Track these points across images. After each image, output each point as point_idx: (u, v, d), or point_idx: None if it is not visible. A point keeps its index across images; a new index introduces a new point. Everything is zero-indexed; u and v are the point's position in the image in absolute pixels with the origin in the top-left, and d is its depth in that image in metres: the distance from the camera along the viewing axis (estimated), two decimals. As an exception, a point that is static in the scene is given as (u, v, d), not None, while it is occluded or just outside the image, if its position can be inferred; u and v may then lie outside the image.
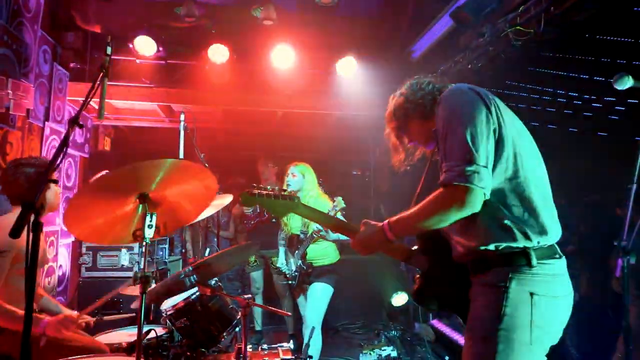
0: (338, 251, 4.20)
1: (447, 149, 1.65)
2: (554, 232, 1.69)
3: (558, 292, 1.66)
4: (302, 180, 4.11)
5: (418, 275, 2.02)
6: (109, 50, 2.02)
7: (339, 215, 3.79)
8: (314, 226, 3.88)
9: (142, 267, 2.26)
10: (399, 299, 5.82)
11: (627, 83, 2.12)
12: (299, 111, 5.84)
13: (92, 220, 2.23)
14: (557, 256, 1.69)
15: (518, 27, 3.40)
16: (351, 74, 5.37)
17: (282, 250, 4.34)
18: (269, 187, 2.04)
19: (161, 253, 4.78)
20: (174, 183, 2.28)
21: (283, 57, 5.12)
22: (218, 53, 5.06)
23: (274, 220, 5.18)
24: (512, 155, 1.67)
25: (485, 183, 1.59)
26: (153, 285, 2.23)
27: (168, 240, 4.90)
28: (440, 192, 1.64)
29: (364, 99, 5.52)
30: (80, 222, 2.20)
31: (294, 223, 4.20)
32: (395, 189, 6.20)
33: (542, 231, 1.65)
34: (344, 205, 3.75)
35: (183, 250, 5.87)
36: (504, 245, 1.64)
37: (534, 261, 1.62)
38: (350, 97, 5.54)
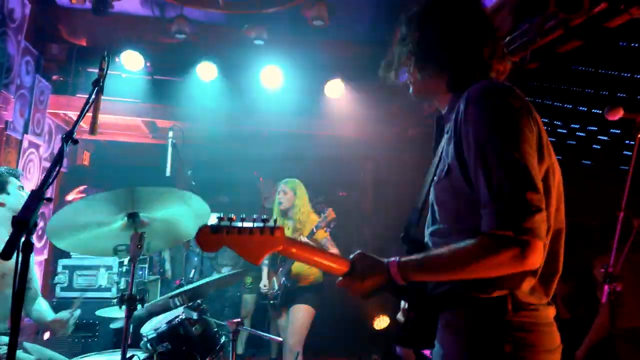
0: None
1: (493, 182, 1.24)
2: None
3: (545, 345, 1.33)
4: (293, 197, 4.07)
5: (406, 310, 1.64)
6: (105, 64, 1.97)
7: (327, 229, 3.75)
8: (304, 239, 3.82)
9: (128, 286, 2.22)
10: (381, 322, 5.77)
11: (617, 114, 2.19)
12: (286, 131, 5.84)
13: (77, 232, 2.20)
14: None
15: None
16: (339, 95, 5.41)
17: (264, 269, 4.25)
18: (242, 216, 1.39)
19: (140, 273, 4.65)
20: (165, 207, 2.28)
21: (272, 77, 5.13)
22: (206, 71, 5.04)
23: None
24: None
25: (546, 233, 1.24)
26: (141, 306, 2.15)
27: (148, 259, 4.77)
28: (491, 243, 1.23)
29: (351, 121, 5.56)
30: (64, 233, 2.17)
31: None
32: (379, 212, 6.21)
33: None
34: (335, 216, 3.70)
35: (161, 270, 5.71)
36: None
37: (512, 306, 1.31)
38: (338, 118, 5.58)
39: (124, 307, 2.13)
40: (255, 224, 1.39)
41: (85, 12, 4.83)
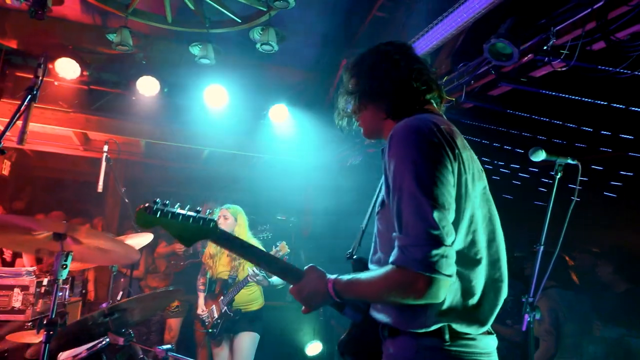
0: (263, 295, 4.08)
1: (402, 215, 1.31)
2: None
3: None
4: (234, 223, 4.00)
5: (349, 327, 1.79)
6: (41, 72, 1.86)
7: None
8: (249, 271, 3.74)
9: (46, 309, 2.05)
10: (314, 348, 5.73)
11: (540, 156, 2.38)
12: (226, 151, 5.76)
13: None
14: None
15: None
16: (282, 120, 5.45)
17: (201, 296, 4.11)
18: (178, 204, 1.64)
19: (61, 294, 4.30)
20: (95, 239, 2.19)
21: (216, 97, 5.07)
22: (148, 85, 4.89)
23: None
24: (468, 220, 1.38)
25: (453, 269, 1.29)
26: (61, 330, 2.00)
27: (70, 279, 4.43)
28: (394, 274, 1.31)
29: (293, 145, 5.61)
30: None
31: (221, 267, 4.01)
32: (315, 237, 6.24)
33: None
34: (289, 250, 3.67)
35: (84, 291, 5.34)
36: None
37: (450, 336, 1.35)
38: (280, 142, 5.61)
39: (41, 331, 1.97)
40: (189, 213, 1.60)
41: (18, 14, 4.56)
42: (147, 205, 1.58)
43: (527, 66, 3.13)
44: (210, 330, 3.93)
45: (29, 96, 1.79)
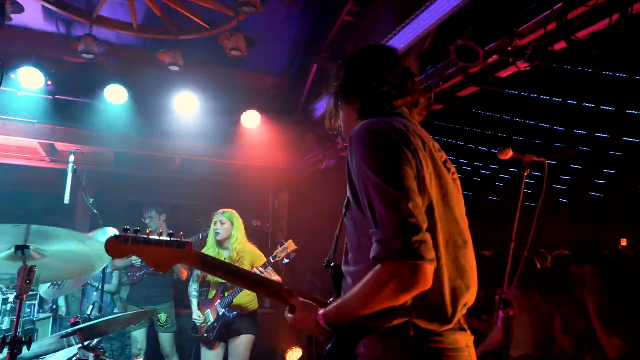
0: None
1: (375, 210, 1.33)
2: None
3: None
4: (231, 227, 3.99)
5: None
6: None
7: (287, 258, 3.71)
8: (255, 270, 3.74)
9: (12, 326, 1.97)
10: (294, 354, 5.69)
11: (507, 154, 2.43)
12: (199, 158, 5.69)
13: None
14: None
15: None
16: (255, 126, 5.42)
17: (194, 302, 4.07)
18: (148, 230, 1.63)
19: (28, 310, 4.17)
20: (59, 243, 2.11)
21: (186, 104, 5.00)
22: (116, 94, 4.78)
23: (198, 270, 4.80)
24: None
25: (434, 253, 1.30)
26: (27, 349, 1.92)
27: (38, 295, 4.29)
28: (380, 272, 1.30)
29: (266, 151, 5.57)
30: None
31: None
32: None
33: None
34: (296, 248, 3.68)
35: (54, 307, 5.17)
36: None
37: (415, 333, 1.36)
38: (253, 148, 5.57)
39: (5, 350, 1.89)
40: (162, 238, 1.60)
41: (-23, 22, 4.41)
42: (117, 235, 1.57)
43: (493, 67, 3.19)
44: (205, 335, 3.90)
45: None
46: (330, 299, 1.63)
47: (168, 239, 1.61)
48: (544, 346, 3.56)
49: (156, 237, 1.60)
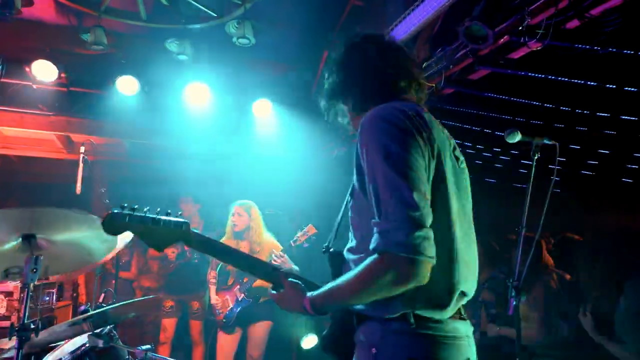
0: None
1: (381, 200, 1.30)
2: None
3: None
4: (248, 219, 4.02)
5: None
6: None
7: (306, 241, 3.74)
8: (272, 256, 3.76)
9: (32, 314, 2.02)
10: (309, 341, 5.72)
11: (516, 137, 2.36)
12: (211, 149, 5.72)
13: None
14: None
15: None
16: (266, 115, 5.40)
17: (212, 288, 4.13)
18: (146, 208, 1.59)
19: (47, 298, 4.28)
20: (66, 229, 2.11)
21: (197, 94, 5.01)
22: (127, 85, 4.82)
23: (196, 260, 4.88)
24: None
25: (435, 250, 1.27)
26: (35, 337, 1.96)
27: (57, 284, 4.41)
28: (377, 262, 1.28)
29: (278, 140, 5.56)
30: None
31: None
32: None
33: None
34: (316, 231, 3.69)
35: (75, 294, 5.31)
36: None
37: (415, 321, 1.35)
38: (265, 137, 5.56)
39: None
40: (159, 216, 1.55)
41: (-9, 17, 4.48)
42: (113, 211, 1.54)
43: (504, 48, 3.09)
44: (224, 320, 3.95)
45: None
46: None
47: (166, 217, 1.57)
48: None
49: (153, 215, 1.56)
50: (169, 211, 1.61)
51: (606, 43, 2.53)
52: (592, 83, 3.19)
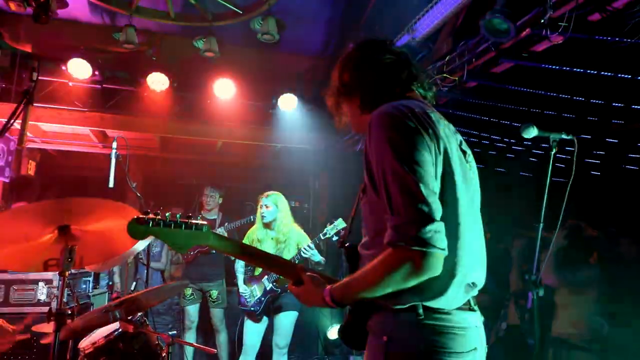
0: None
1: (392, 196, 1.35)
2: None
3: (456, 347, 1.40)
4: (276, 210, 4.09)
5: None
6: (35, 75, 1.96)
7: (336, 235, 3.81)
8: (294, 250, 3.87)
9: (59, 302, 2.16)
10: (335, 331, 5.81)
11: (532, 133, 2.34)
12: (239, 142, 5.85)
13: (4, 246, 2.13)
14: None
15: (444, 75, 3.66)
16: (292, 108, 5.48)
17: (240, 277, 4.26)
18: (168, 213, 1.67)
19: (84, 286, 4.50)
20: (99, 219, 2.23)
21: (224, 89, 5.14)
22: (158, 81, 4.99)
23: (214, 250, 5.02)
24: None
25: (446, 242, 1.32)
26: (71, 321, 2.11)
27: (92, 272, 4.63)
28: (392, 256, 1.33)
29: (304, 132, 5.63)
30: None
31: (265, 248, 4.13)
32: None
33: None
34: (345, 225, 3.75)
35: (110, 283, 5.54)
36: None
37: (424, 311, 1.40)
38: (291, 130, 5.64)
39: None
40: (180, 220, 1.65)
41: (29, 18, 4.71)
42: (138, 217, 1.63)
43: (526, 41, 3.04)
44: (252, 309, 4.07)
45: (24, 99, 1.88)
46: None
47: (186, 221, 1.66)
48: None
49: (175, 220, 1.65)
50: (190, 214, 1.71)
51: (631, 35, 2.47)
52: (625, 75, 3.10)
